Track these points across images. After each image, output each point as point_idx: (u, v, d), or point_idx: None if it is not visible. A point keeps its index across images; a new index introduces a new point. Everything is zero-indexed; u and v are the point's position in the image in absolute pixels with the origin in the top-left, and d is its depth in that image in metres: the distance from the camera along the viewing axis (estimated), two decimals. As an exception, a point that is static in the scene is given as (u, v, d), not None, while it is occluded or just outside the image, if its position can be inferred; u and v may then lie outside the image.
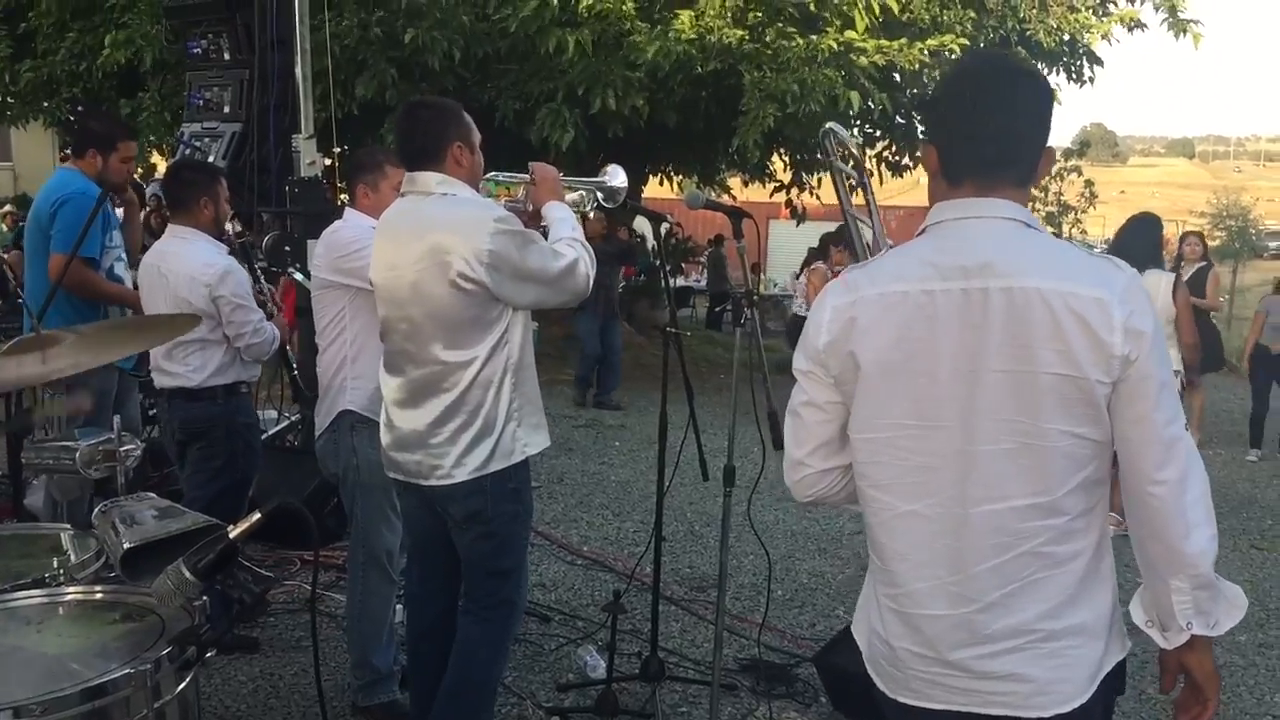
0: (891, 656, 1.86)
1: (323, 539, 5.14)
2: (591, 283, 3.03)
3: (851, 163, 4.11)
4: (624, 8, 9.13)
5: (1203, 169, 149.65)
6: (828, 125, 4.04)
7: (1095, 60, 12.37)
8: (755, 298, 3.54)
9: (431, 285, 2.87)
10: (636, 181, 13.83)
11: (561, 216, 3.12)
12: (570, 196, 3.34)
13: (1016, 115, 1.79)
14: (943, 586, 1.78)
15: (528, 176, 3.26)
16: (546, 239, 3.00)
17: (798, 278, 9.88)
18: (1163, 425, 1.69)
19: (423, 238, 2.89)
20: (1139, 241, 6.35)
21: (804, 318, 9.33)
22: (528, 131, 9.70)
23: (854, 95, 8.87)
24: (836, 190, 3.98)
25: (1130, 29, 11.91)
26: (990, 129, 1.79)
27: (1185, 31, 11.13)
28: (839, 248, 9.39)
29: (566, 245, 3.00)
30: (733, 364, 3.61)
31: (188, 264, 4.01)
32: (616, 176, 3.50)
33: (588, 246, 3.05)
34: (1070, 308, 1.66)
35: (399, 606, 3.74)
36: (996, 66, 1.88)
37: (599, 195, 3.46)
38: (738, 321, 3.52)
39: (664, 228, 4.11)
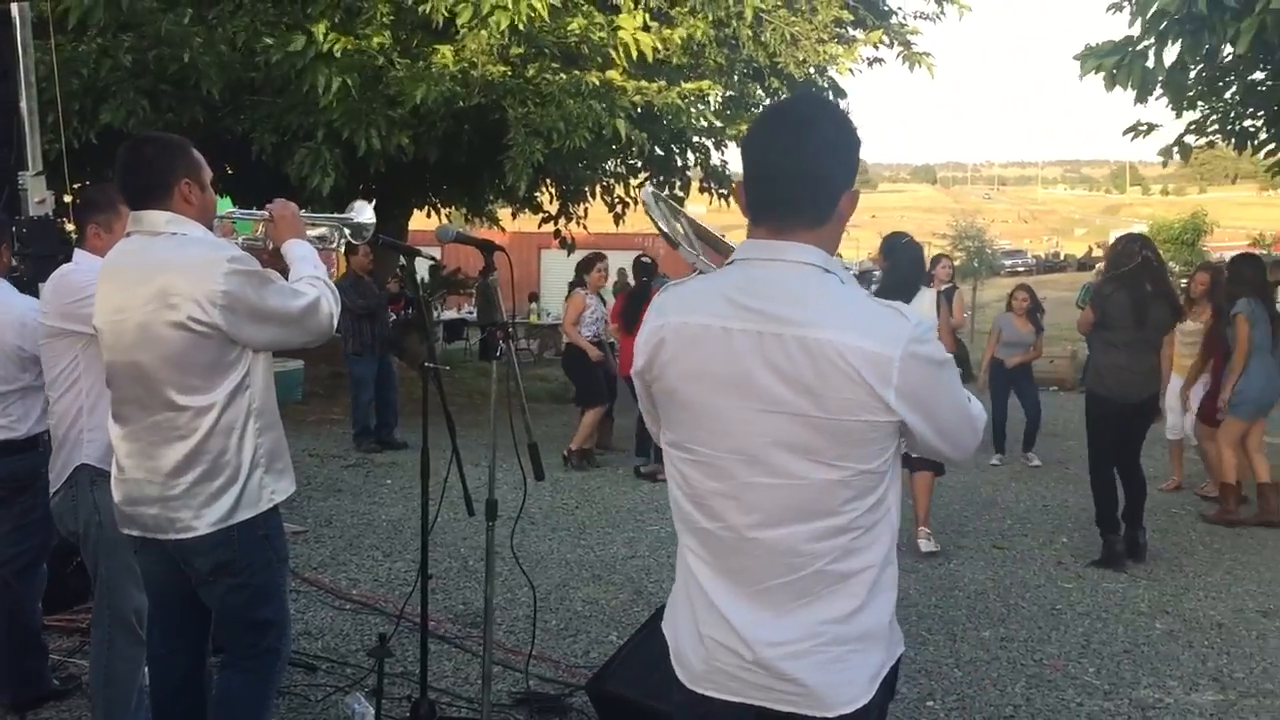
0: (700, 651, 1.92)
1: (65, 601, 4.80)
2: (335, 321, 2.95)
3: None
4: (375, 41, 9.01)
5: (944, 193, 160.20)
6: (646, 192, 4.04)
7: (840, 92, 13.09)
8: (510, 329, 3.54)
9: (161, 328, 2.73)
10: (402, 215, 13.64)
11: (303, 254, 3.04)
12: (315, 233, 3.25)
13: (809, 158, 1.82)
14: (743, 595, 1.87)
15: (265, 213, 3.15)
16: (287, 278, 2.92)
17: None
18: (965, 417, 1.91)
19: (151, 280, 2.75)
20: (911, 263, 6.72)
21: (576, 345, 9.39)
22: (285, 166, 9.42)
23: (620, 123, 9.04)
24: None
25: (870, 63, 12.68)
26: (782, 171, 1.84)
27: (919, 63, 11.90)
28: (598, 270, 9.53)
29: (308, 284, 2.91)
30: (493, 394, 3.58)
31: (11, 312, 3.78)
32: (364, 213, 3.43)
33: (330, 284, 2.97)
34: (856, 360, 1.74)
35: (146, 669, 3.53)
36: (796, 109, 1.95)
37: (347, 231, 3.39)
38: (492, 354, 3.50)
39: (427, 262, 4.06)
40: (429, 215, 15.75)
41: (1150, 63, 7.17)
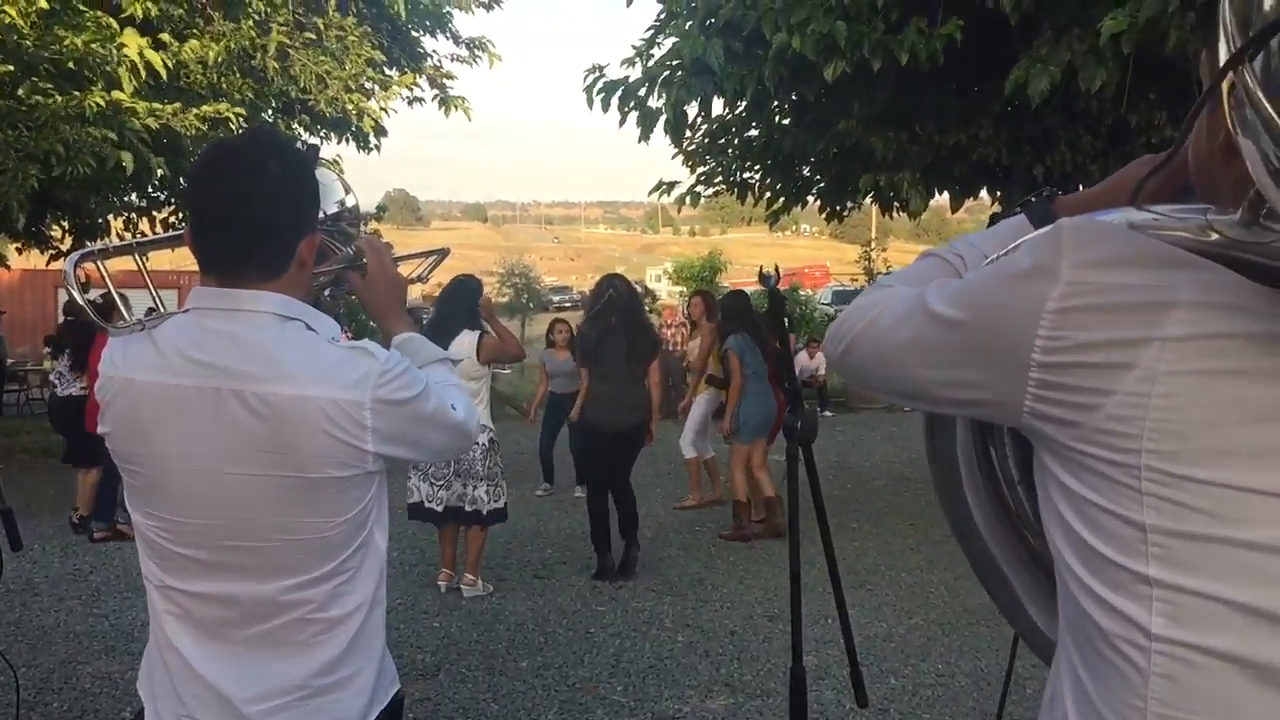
0: (180, 711, 1.80)
1: None
2: None
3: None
4: None
5: (495, 231, 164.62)
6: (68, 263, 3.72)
7: (380, 130, 13.04)
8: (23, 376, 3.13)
9: None
10: None
11: None
12: None
13: (258, 206, 1.71)
14: (221, 652, 1.77)
15: None
16: None
17: (56, 357, 8.80)
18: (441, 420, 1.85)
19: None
20: (461, 303, 6.77)
21: (65, 398, 8.48)
22: None
23: (126, 155, 8.38)
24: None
25: (410, 103, 12.74)
26: (229, 220, 1.72)
27: (456, 107, 12.12)
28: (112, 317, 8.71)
29: None
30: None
31: None
32: None
33: None
34: (324, 411, 1.67)
35: None
36: (242, 152, 1.80)
37: None
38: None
39: None
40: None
41: (655, 102, 7.77)
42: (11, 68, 8.21)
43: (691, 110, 8.28)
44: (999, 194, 9.24)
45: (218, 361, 1.71)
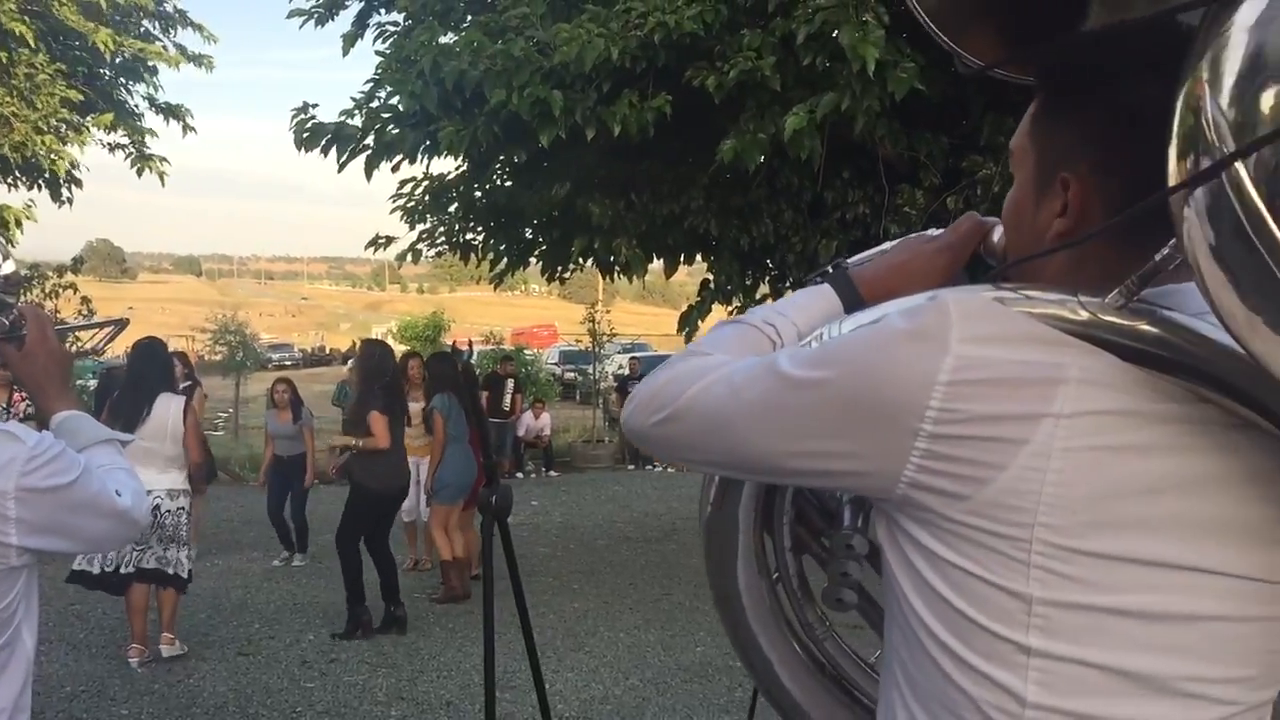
0: None
1: None
2: None
3: None
4: None
5: (210, 286, 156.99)
6: None
7: (74, 180, 12.20)
8: None
9: None
10: None
11: None
12: None
13: None
14: None
15: None
16: None
17: None
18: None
19: None
20: (154, 367, 6.46)
21: None
22: None
23: None
24: None
25: (111, 149, 12.00)
26: None
27: (151, 168, 11.54)
28: None
29: None
30: None
31: None
32: None
33: None
34: None
35: None
36: None
37: None
38: None
39: None
40: None
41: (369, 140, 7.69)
42: None
43: (408, 166, 8.22)
44: (711, 260, 9.64)
45: None
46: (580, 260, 10.07)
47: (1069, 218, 1.10)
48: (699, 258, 9.97)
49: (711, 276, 9.12)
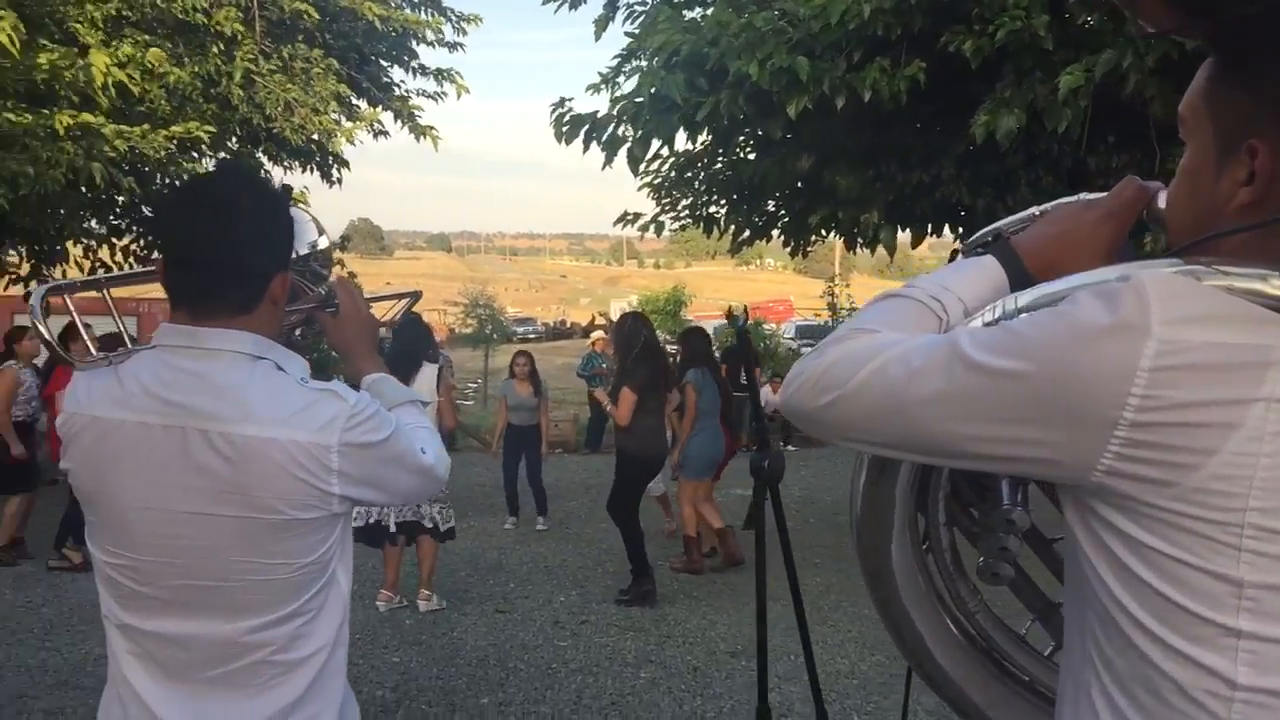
0: None
1: None
2: None
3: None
4: None
5: (460, 261, 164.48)
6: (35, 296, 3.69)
7: (343, 163, 13.02)
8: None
9: None
10: None
11: None
12: None
13: (230, 244, 1.71)
14: (179, 693, 1.75)
15: None
16: None
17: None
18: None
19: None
20: (419, 337, 6.97)
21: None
22: None
23: (96, 167, 8.29)
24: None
25: (375, 135, 12.72)
26: (200, 257, 1.72)
27: (425, 135, 12.14)
28: (25, 340, 8.62)
29: None
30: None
31: None
32: None
33: None
34: (290, 454, 1.67)
35: None
36: (216, 188, 1.81)
37: None
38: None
39: None
40: None
41: (623, 130, 7.82)
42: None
43: (656, 145, 8.33)
44: (960, 231, 9.35)
45: (184, 400, 1.69)
46: (823, 232, 9.96)
47: (1256, 187, 1.04)
48: (946, 229, 9.68)
49: (962, 247, 8.83)
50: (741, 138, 9.17)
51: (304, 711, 1.79)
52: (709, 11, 7.35)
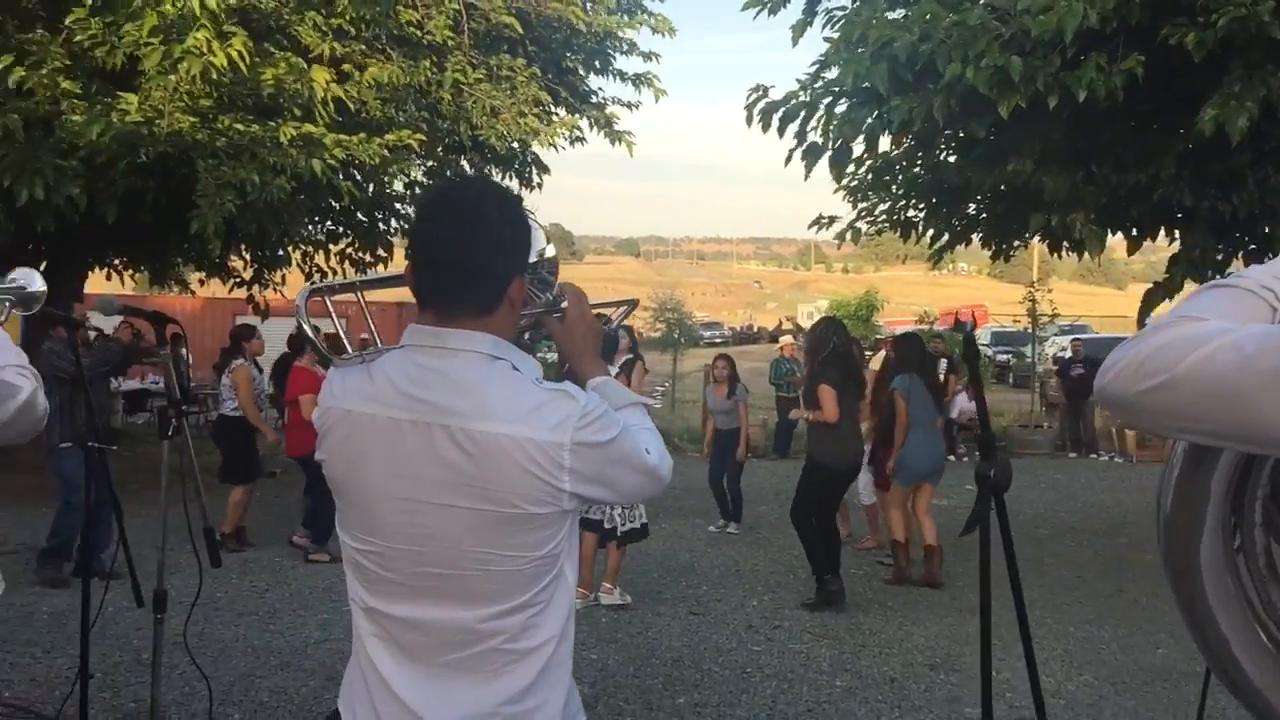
0: None
1: None
2: (45, 412, 2.48)
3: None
4: (60, 85, 8.35)
5: (647, 266, 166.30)
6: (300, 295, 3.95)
7: (543, 168, 13.38)
8: (185, 408, 3.33)
9: None
10: (75, 278, 12.61)
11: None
12: None
13: (472, 248, 1.80)
14: (418, 675, 1.84)
15: None
16: None
17: (223, 375, 9.26)
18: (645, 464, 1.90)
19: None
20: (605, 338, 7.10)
21: (231, 417, 8.93)
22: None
23: (316, 164, 8.77)
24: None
25: (572, 141, 13.01)
26: (444, 261, 1.82)
27: (621, 140, 12.35)
28: (254, 339, 9.18)
29: (15, 374, 2.43)
30: (163, 478, 3.35)
31: None
32: (33, 282, 3.11)
33: (33, 371, 2.48)
34: (526, 450, 1.74)
35: None
36: (459, 196, 1.92)
37: (9, 304, 3.06)
38: (164, 433, 3.27)
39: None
40: (109, 278, 14.67)
41: (816, 136, 7.76)
42: (212, 101, 8.73)
43: (857, 146, 8.25)
44: (1176, 235, 8.89)
45: (429, 397, 1.79)
46: (1029, 236, 9.64)
47: None
48: (1162, 232, 9.21)
49: (1181, 251, 8.37)
50: (942, 139, 8.96)
51: (533, 699, 1.86)
52: (914, 6, 7.18)
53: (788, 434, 15.97)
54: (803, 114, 7.83)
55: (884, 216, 10.14)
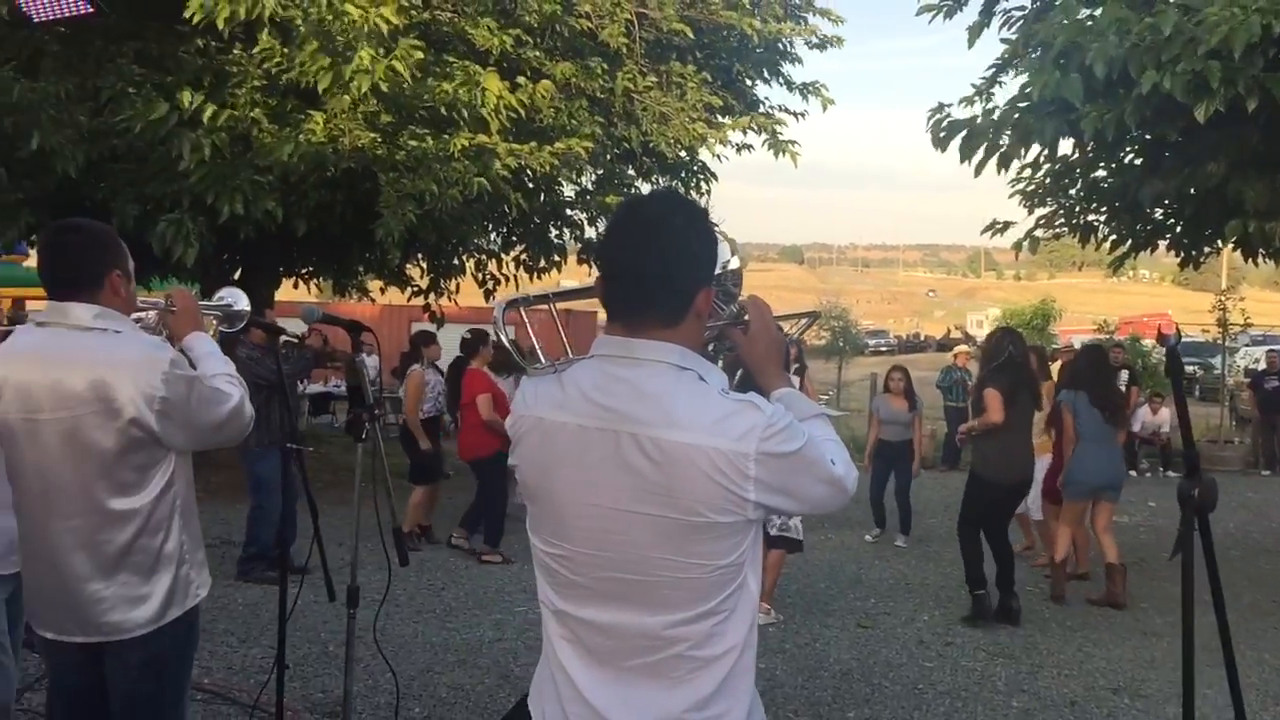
0: None
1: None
2: (251, 419, 2.86)
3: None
4: (252, 114, 8.88)
5: (811, 274, 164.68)
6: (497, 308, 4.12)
7: (710, 175, 13.40)
8: (377, 411, 3.50)
9: (94, 431, 2.62)
10: (267, 287, 13.31)
11: (210, 350, 2.95)
12: None
13: (659, 259, 1.84)
14: (605, 677, 1.89)
15: (161, 303, 3.07)
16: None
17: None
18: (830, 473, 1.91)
19: (81, 378, 2.63)
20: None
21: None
22: (148, 236, 9.10)
23: (481, 180, 9.03)
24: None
25: (739, 150, 12.99)
26: (632, 272, 1.87)
27: (785, 151, 12.28)
28: (432, 345, 9.47)
29: (226, 382, 2.82)
30: (357, 478, 3.52)
31: None
32: (240, 301, 3.36)
33: (240, 380, 2.89)
34: (712, 460, 1.77)
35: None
36: (647, 208, 1.96)
37: (215, 319, 3.31)
38: (358, 435, 3.44)
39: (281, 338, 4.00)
40: (296, 286, 15.42)
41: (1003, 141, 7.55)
42: (391, 117, 9.09)
43: (1033, 151, 8.00)
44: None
45: (618, 406, 1.83)
46: (1223, 244, 9.16)
47: None
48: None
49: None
50: (1128, 145, 8.61)
51: (716, 707, 1.88)
52: (1103, 9, 6.90)
53: (957, 445, 15.58)
54: (991, 132, 7.63)
55: (1061, 221, 9.80)
